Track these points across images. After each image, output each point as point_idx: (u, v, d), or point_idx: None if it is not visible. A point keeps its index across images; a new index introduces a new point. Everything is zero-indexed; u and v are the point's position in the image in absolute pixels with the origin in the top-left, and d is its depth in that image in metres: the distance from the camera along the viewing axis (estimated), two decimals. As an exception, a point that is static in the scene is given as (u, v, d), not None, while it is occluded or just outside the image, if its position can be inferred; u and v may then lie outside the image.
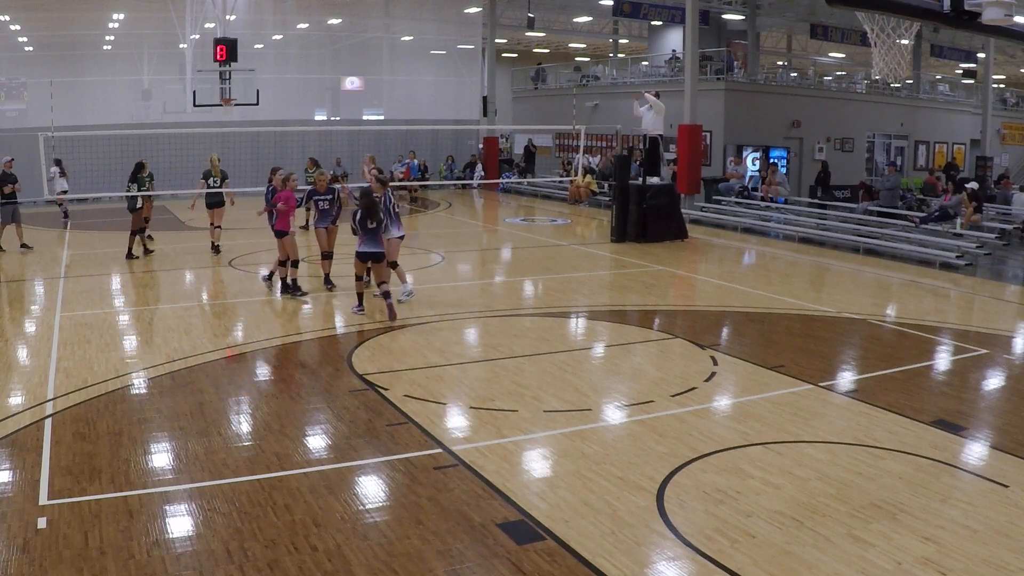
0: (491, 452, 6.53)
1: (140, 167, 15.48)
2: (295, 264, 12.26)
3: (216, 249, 15.96)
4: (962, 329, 10.96)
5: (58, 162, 16.25)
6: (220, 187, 15.74)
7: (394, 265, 11.77)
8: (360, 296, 11.22)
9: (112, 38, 28.61)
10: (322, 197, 12.47)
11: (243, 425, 7.24)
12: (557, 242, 18.25)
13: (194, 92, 22.14)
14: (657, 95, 18.13)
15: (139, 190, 15.26)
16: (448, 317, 11.05)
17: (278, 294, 12.31)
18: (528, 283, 13.91)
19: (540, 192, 28.42)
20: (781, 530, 5.31)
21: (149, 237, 16.50)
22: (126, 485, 5.91)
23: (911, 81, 30.43)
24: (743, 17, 29.25)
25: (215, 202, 15.88)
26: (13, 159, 16.53)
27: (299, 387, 8.23)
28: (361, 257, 10.93)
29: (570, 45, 44.54)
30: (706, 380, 8.45)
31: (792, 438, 6.89)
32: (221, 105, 21.55)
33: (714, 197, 22.76)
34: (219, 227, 16.04)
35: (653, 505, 5.65)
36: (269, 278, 12.77)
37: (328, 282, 12.66)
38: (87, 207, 24.17)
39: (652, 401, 7.79)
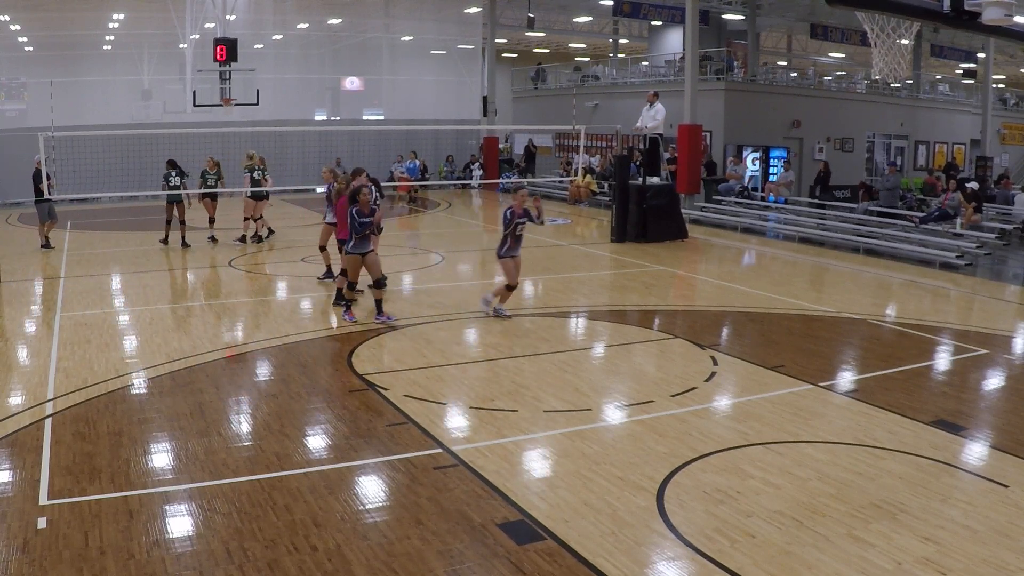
0: (491, 452, 6.53)
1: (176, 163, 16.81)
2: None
3: (258, 239, 17.10)
4: (962, 329, 10.96)
5: None
6: (263, 181, 16.83)
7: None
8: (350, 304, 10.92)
9: (112, 38, 28.60)
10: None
11: (243, 425, 7.24)
12: (557, 242, 18.25)
13: (194, 92, 22.13)
14: (656, 96, 18.15)
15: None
16: (448, 317, 11.05)
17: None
18: (528, 283, 13.91)
19: (540, 192, 28.38)
20: (781, 530, 5.31)
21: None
22: (126, 485, 5.91)
23: (911, 81, 30.43)
24: (743, 17, 29.25)
25: (260, 194, 16.86)
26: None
27: (299, 387, 8.22)
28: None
29: (570, 45, 44.53)
30: (706, 380, 8.45)
31: (792, 438, 6.89)
32: (221, 105, 21.55)
33: (714, 197, 22.77)
34: (260, 217, 17.14)
35: (653, 505, 5.65)
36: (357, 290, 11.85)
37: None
38: (87, 207, 24.18)
39: (652, 401, 7.79)
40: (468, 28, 32.16)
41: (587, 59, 42.32)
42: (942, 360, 9.67)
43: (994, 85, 33.96)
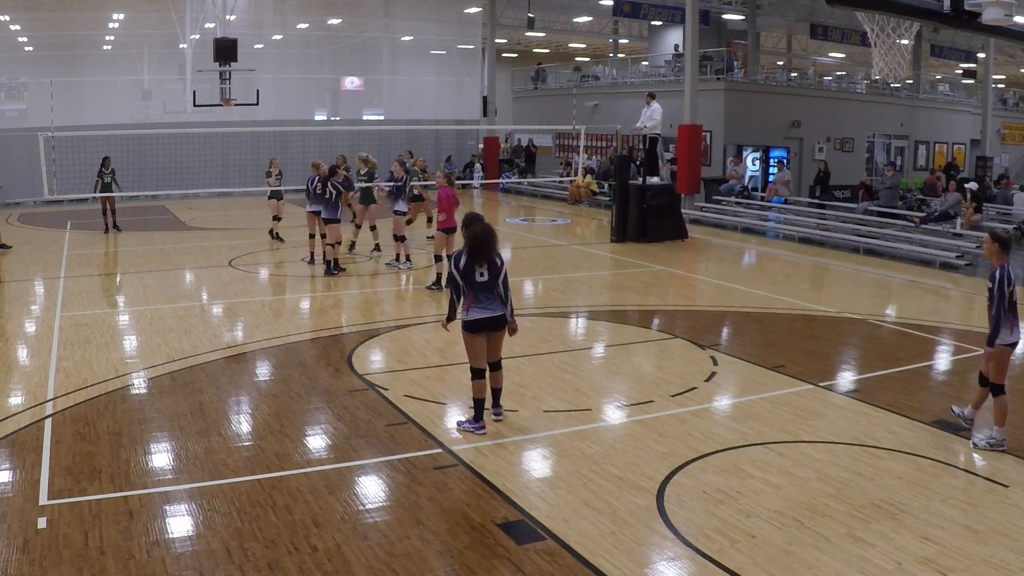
0: (491, 452, 6.53)
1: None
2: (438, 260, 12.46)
3: (376, 248, 15.51)
4: (962, 329, 10.96)
5: None
6: (370, 183, 15.39)
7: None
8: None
9: (112, 38, 28.59)
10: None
11: (243, 425, 7.24)
12: (557, 242, 18.25)
13: (194, 92, 22.13)
14: (653, 96, 18.16)
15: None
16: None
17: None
18: (528, 283, 13.90)
19: (540, 192, 28.41)
20: (781, 530, 5.31)
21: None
22: (126, 485, 5.91)
23: (911, 81, 30.43)
24: (743, 17, 29.24)
25: (369, 200, 15.46)
26: None
27: (299, 387, 8.22)
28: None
29: (570, 45, 44.52)
30: (706, 380, 8.45)
31: (792, 438, 6.89)
32: (221, 105, 21.55)
33: (714, 197, 22.76)
34: (373, 227, 15.53)
35: (653, 505, 5.65)
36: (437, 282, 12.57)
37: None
38: (87, 207, 24.15)
39: (652, 401, 7.79)
40: (468, 28, 32.15)
41: (587, 59, 42.31)
42: (942, 360, 9.67)
43: (994, 85, 33.95)
